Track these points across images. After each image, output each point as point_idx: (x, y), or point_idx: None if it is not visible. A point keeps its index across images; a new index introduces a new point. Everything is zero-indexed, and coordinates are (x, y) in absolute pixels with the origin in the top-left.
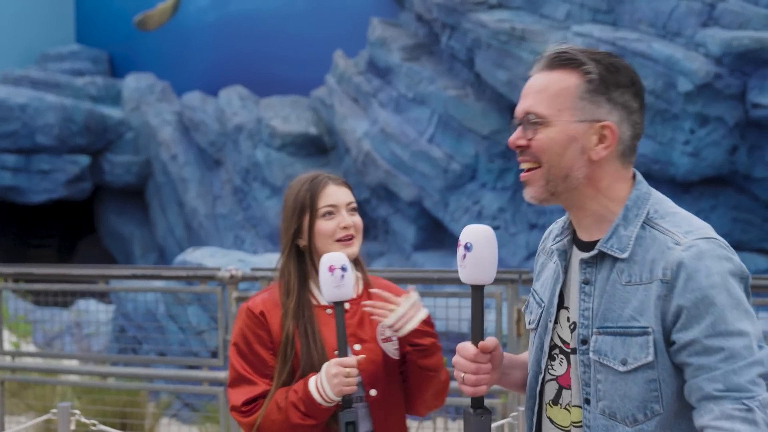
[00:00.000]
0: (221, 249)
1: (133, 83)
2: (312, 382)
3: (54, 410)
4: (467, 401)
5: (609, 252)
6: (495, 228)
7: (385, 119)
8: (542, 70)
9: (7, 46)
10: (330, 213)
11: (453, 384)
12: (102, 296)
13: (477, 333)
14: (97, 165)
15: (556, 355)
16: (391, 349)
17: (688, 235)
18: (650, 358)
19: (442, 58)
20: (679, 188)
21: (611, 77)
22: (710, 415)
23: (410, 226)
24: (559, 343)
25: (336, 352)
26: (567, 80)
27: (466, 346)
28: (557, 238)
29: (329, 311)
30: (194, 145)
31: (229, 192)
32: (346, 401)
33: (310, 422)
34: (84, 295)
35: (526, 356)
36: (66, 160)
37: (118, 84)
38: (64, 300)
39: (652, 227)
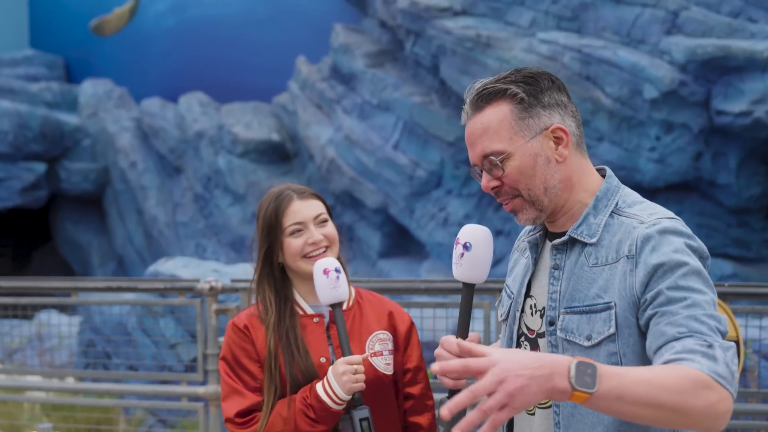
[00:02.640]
0: (195, 259)
1: (90, 89)
2: (319, 386)
3: None
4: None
5: (578, 237)
6: None
7: (349, 126)
8: (474, 114)
9: None
10: (298, 231)
11: None
12: (63, 308)
13: (463, 328)
14: (54, 172)
15: (522, 342)
16: (382, 364)
17: (652, 215)
18: (612, 330)
19: (407, 64)
20: (645, 194)
21: (534, 88)
22: (671, 351)
23: (375, 233)
24: (525, 331)
25: (322, 359)
26: (500, 111)
27: (449, 340)
28: (530, 233)
29: (316, 320)
30: (154, 152)
31: (189, 200)
32: (357, 399)
33: (320, 428)
34: (45, 306)
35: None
36: (21, 167)
37: (74, 90)
38: (25, 312)
39: (620, 215)
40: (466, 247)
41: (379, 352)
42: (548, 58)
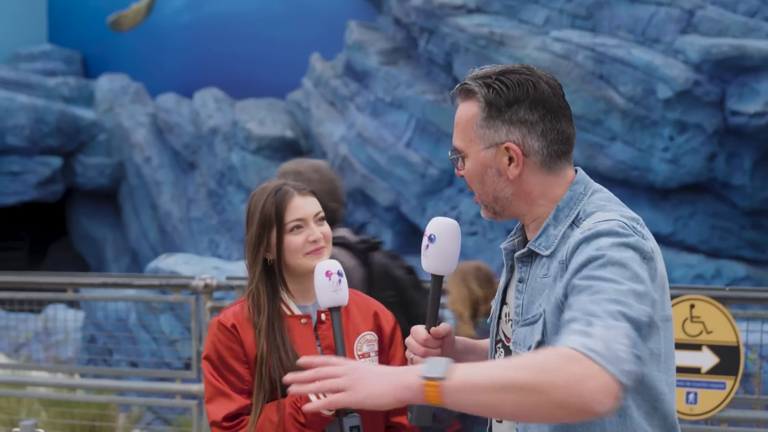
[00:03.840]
0: (195, 255)
1: (106, 84)
2: None
3: (17, 429)
4: None
5: (536, 250)
6: (472, 234)
7: (362, 123)
8: (459, 103)
9: None
10: (299, 227)
11: None
12: (72, 303)
13: (431, 319)
14: (69, 167)
15: (498, 349)
16: None
17: (594, 221)
18: (539, 336)
19: (420, 62)
20: (658, 195)
21: (500, 99)
22: (559, 340)
23: (387, 231)
24: (503, 338)
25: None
26: (470, 111)
27: (419, 330)
28: (510, 238)
29: (304, 321)
30: (168, 147)
31: (203, 195)
32: (347, 408)
33: None
34: (53, 301)
35: (486, 342)
36: (37, 161)
37: (91, 85)
38: (32, 307)
39: (578, 226)
40: (430, 239)
41: (366, 353)
42: (561, 57)
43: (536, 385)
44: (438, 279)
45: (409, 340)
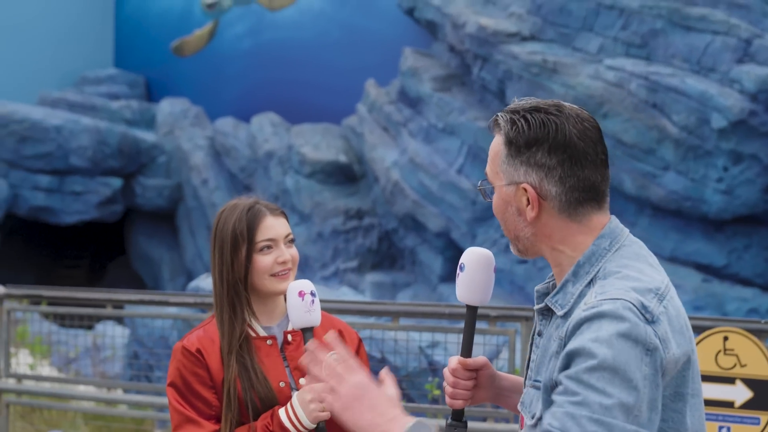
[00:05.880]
0: None
1: (167, 107)
2: (282, 413)
3: None
4: None
5: (552, 307)
6: (522, 262)
7: (414, 149)
8: (495, 134)
9: (48, 68)
10: (269, 247)
11: None
12: (120, 320)
13: (465, 349)
14: (129, 188)
15: (525, 383)
16: None
17: (601, 295)
18: (538, 412)
19: (473, 89)
20: (711, 226)
21: (520, 138)
22: None
23: (437, 257)
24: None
25: (281, 384)
26: (498, 144)
27: (452, 359)
28: (547, 279)
29: (269, 342)
30: (225, 170)
31: None
32: (321, 429)
33: None
34: (102, 318)
35: None
36: (99, 182)
37: (152, 108)
38: (88, 323)
39: (594, 287)
40: (461, 268)
41: None
42: (614, 85)
43: None
44: (471, 309)
45: (445, 370)
